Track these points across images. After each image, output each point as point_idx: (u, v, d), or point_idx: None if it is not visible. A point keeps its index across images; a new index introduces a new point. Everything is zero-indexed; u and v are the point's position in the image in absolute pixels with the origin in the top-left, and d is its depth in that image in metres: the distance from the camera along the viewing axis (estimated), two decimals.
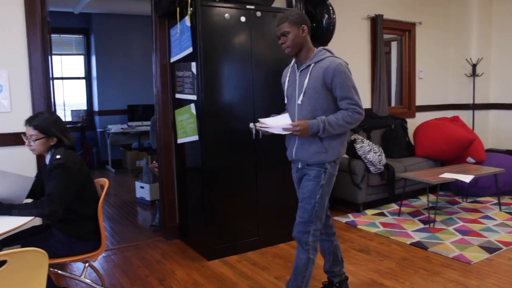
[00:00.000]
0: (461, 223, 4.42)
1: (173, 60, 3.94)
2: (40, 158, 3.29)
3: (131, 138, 8.37)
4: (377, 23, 5.67)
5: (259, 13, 3.72)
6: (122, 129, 8.01)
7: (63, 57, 8.51)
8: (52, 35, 4.30)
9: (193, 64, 3.55)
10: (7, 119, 3.29)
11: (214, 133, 3.57)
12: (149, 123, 6.77)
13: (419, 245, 3.86)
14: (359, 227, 4.42)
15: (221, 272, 3.43)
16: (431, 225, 4.36)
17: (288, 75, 2.74)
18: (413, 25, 6.21)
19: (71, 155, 2.50)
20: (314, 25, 4.63)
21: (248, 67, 3.72)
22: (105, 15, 8.22)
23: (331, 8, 4.61)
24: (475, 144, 5.51)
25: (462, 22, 6.60)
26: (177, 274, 3.42)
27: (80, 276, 2.61)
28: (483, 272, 3.29)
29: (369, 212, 4.90)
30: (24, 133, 2.53)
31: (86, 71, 8.73)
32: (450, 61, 6.74)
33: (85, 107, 8.77)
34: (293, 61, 2.72)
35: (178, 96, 3.91)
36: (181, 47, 3.71)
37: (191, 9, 3.45)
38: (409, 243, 3.92)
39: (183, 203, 4.12)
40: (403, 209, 4.95)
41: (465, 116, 6.49)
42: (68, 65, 8.62)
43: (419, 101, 6.45)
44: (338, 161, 2.64)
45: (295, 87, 2.64)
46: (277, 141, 2.92)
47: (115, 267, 3.60)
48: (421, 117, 6.33)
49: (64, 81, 8.57)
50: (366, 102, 5.79)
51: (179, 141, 3.93)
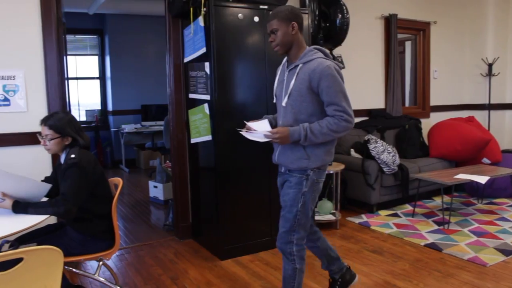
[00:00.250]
0: (476, 225, 4.36)
1: (186, 60, 3.96)
2: (55, 157, 3.33)
3: (144, 137, 8.42)
4: (391, 23, 5.63)
5: None
6: (135, 128, 8.07)
7: (77, 57, 8.61)
8: (67, 36, 4.36)
9: (207, 64, 3.56)
10: (23, 119, 3.34)
11: (227, 133, 3.58)
12: (162, 122, 6.79)
13: (433, 246, 3.82)
14: (372, 227, 4.39)
15: (233, 272, 3.43)
16: (446, 226, 4.32)
17: (279, 73, 2.61)
18: (427, 24, 6.16)
19: (86, 155, 2.52)
20: (327, 25, 4.62)
21: (261, 67, 3.72)
22: (119, 15, 8.30)
23: (344, 7, 4.59)
24: (490, 144, 5.44)
25: (478, 21, 6.52)
26: (190, 273, 3.43)
27: (94, 274, 2.62)
28: (499, 274, 3.25)
29: (383, 213, 4.87)
30: (39, 133, 2.55)
31: (100, 71, 8.82)
32: (465, 61, 6.67)
33: (99, 107, 8.85)
34: (285, 58, 2.58)
35: (191, 96, 3.93)
36: (195, 47, 3.72)
37: (205, 9, 3.46)
38: (423, 244, 3.89)
39: (196, 202, 4.13)
40: (417, 210, 4.91)
41: (480, 116, 6.41)
42: (82, 65, 8.72)
43: (434, 101, 6.39)
44: (323, 167, 2.49)
45: (282, 87, 2.51)
46: None
47: (129, 265, 3.62)
48: (435, 117, 6.27)
49: (78, 81, 8.66)
50: (379, 102, 5.77)
51: (193, 141, 3.94)
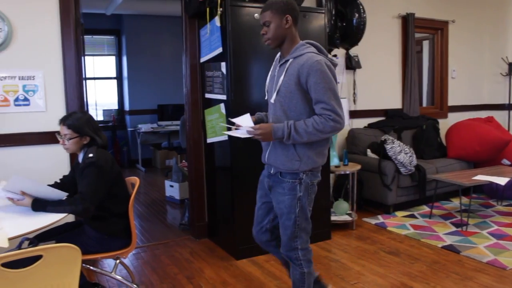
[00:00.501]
0: (496, 227, 4.29)
1: (203, 60, 3.97)
2: (73, 156, 3.37)
3: (161, 137, 8.48)
4: (408, 22, 5.57)
5: None
6: (152, 128, 8.12)
7: (95, 57, 8.71)
8: (85, 36, 4.40)
9: (223, 64, 3.57)
10: (42, 118, 3.39)
11: None
12: (178, 122, 6.85)
13: (451, 248, 3.77)
14: (389, 228, 4.35)
15: (249, 271, 3.44)
16: (464, 228, 4.25)
17: (272, 68, 2.50)
18: (445, 23, 6.08)
19: (103, 154, 2.54)
20: (344, 24, 4.59)
21: None
22: (136, 16, 8.37)
23: (361, 7, 4.56)
24: (510, 145, 5.34)
25: (497, 18, 6.41)
26: (205, 272, 3.44)
27: (111, 272, 2.65)
28: None
29: (399, 214, 4.82)
30: (58, 132, 2.58)
31: (117, 71, 8.90)
32: (484, 60, 6.56)
33: (116, 107, 8.94)
34: (279, 54, 2.46)
35: (207, 96, 3.94)
36: (211, 47, 3.73)
37: (221, 9, 3.47)
38: (440, 246, 3.84)
39: (212, 202, 4.14)
40: (435, 211, 4.85)
41: (500, 116, 6.30)
42: (100, 66, 8.81)
43: (452, 101, 6.30)
44: (316, 170, 2.39)
45: (273, 83, 2.41)
46: None
47: (145, 264, 3.65)
48: (453, 118, 6.18)
49: (96, 81, 8.76)
50: (396, 102, 5.71)
51: (209, 140, 3.96)
